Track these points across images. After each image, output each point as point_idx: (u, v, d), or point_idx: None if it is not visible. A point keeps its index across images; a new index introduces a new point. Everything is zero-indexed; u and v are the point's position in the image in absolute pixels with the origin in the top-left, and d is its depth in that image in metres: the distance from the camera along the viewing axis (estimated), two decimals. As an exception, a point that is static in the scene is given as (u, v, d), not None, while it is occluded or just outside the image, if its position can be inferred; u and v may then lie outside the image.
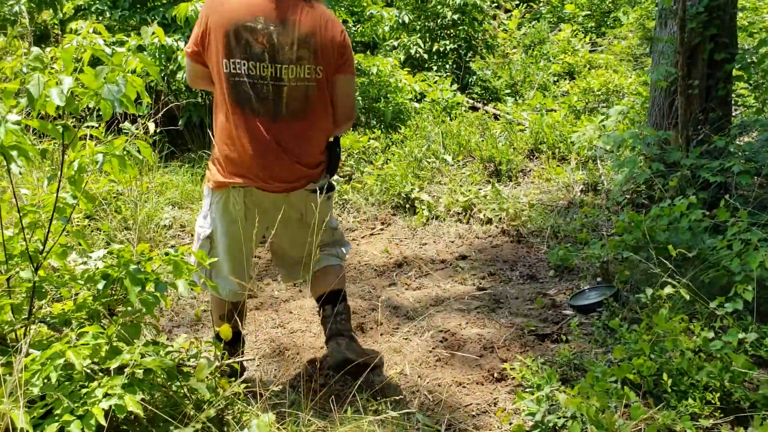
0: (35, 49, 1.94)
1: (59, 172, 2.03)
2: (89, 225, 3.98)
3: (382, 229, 4.85)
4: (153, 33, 2.20)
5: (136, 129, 4.44)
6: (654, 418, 2.31)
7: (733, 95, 5.33)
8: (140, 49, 5.57)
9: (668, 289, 2.88)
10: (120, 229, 4.10)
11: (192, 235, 4.38)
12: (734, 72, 4.58)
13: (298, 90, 2.51)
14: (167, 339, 2.65)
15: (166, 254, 2.25)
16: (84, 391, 1.79)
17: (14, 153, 1.77)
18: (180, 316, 3.49)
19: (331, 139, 2.70)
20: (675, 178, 3.90)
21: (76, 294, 2.34)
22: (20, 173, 2.54)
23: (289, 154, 2.55)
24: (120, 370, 1.87)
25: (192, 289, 2.28)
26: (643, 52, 9.03)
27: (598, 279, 3.77)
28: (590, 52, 10.10)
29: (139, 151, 2.24)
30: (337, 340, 2.70)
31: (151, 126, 2.49)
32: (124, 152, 2.16)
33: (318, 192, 2.57)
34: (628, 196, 4.78)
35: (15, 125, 1.80)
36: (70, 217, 2.14)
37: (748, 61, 4.48)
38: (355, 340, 2.77)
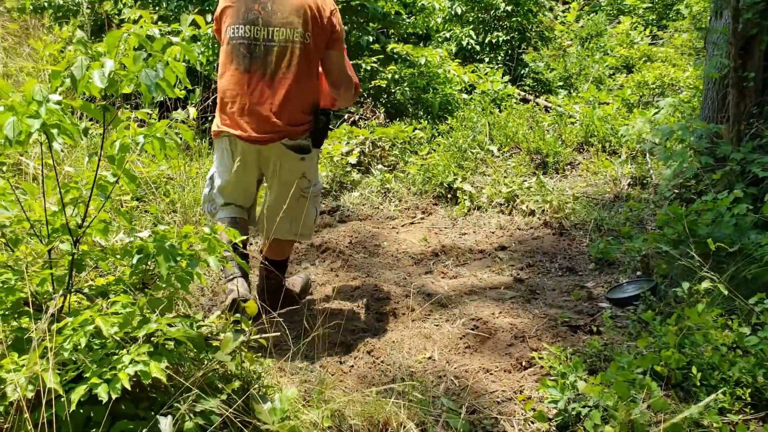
0: (80, 33, 2.05)
1: (99, 150, 2.14)
2: (138, 207, 4.14)
3: (422, 218, 4.88)
4: (193, 22, 2.29)
5: (186, 115, 4.59)
6: (676, 410, 2.28)
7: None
8: (194, 39, 5.75)
9: (706, 284, 2.83)
10: (168, 211, 4.25)
11: (237, 220, 4.51)
12: None
13: (286, 51, 2.93)
14: (204, 317, 2.76)
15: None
16: (114, 358, 1.89)
17: (55, 131, 1.87)
18: (219, 296, 3.60)
19: (324, 110, 3.11)
20: (720, 171, 3.80)
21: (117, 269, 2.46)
22: (62, 150, 2.68)
23: (270, 108, 2.94)
24: (150, 339, 1.97)
25: (224, 266, 2.37)
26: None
27: (638, 273, 3.71)
28: (650, 45, 9.86)
29: (180, 135, 2.34)
30: (262, 292, 3.34)
31: (192, 110, 2.58)
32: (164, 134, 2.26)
33: (296, 150, 3.02)
34: (676, 191, 4.67)
35: (56, 105, 1.90)
36: (109, 194, 2.24)
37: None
38: (276, 292, 3.26)
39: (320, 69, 3.13)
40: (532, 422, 2.48)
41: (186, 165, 4.75)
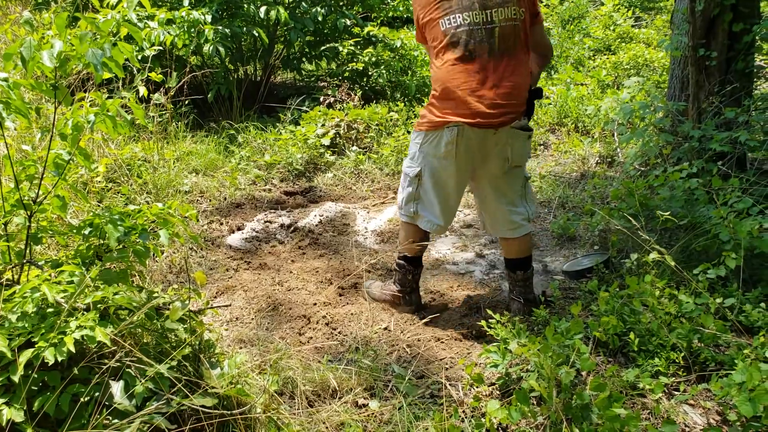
0: (26, 14, 2.12)
1: (51, 128, 2.22)
2: (111, 188, 4.22)
3: (393, 199, 4.96)
4: (139, 2, 2.36)
5: (162, 97, 4.67)
6: (615, 374, 2.39)
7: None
8: (169, 22, 5.80)
9: (654, 255, 2.93)
10: (141, 192, 4.33)
11: (210, 201, 4.60)
12: (764, 45, 4.51)
13: (508, 29, 2.84)
14: (163, 290, 2.85)
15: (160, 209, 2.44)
16: (63, 324, 1.98)
17: (0, 107, 1.96)
18: (182, 274, 3.69)
19: (533, 87, 3.01)
20: (669, 146, 3.90)
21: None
22: (15, 129, 2.77)
23: (501, 90, 2.83)
24: (98, 307, 2.06)
25: (176, 240, 2.46)
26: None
27: (596, 247, 3.82)
28: (632, 26, 9.92)
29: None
30: (520, 304, 3.15)
31: (142, 89, 2.65)
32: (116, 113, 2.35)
33: (524, 129, 2.95)
34: (642, 169, 4.77)
35: (3, 82, 1.99)
36: (64, 171, 2.33)
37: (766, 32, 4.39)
38: (535, 302, 3.16)
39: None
40: (477, 387, 2.59)
41: (160, 147, 4.83)
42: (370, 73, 6.87)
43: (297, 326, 3.10)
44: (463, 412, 2.38)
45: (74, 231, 2.34)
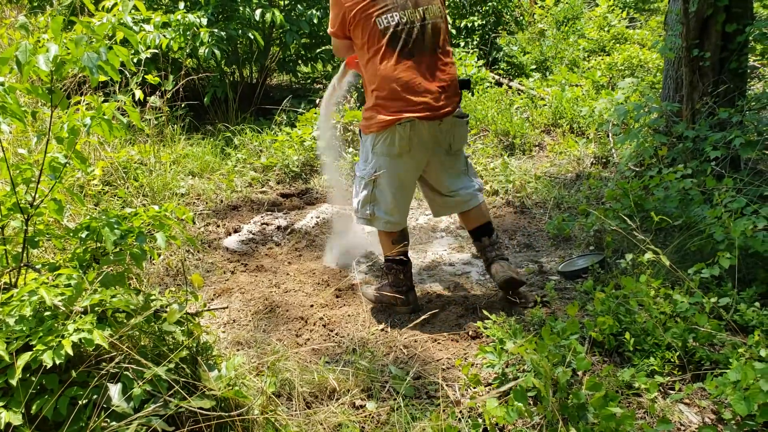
0: (21, 18, 2.13)
1: (48, 132, 2.23)
2: (107, 191, 4.23)
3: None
4: (134, 6, 2.37)
5: (158, 100, 4.67)
6: (610, 373, 2.41)
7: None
8: (165, 25, 5.81)
9: (648, 255, 2.94)
10: (137, 195, 4.34)
11: (206, 203, 4.61)
12: (757, 46, 4.53)
13: (437, 26, 3.03)
14: (160, 292, 2.85)
15: (157, 211, 2.45)
16: (60, 327, 1.99)
17: (-5, 111, 1.97)
18: (179, 276, 3.69)
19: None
20: (664, 148, 3.92)
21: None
22: (10, 132, 2.78)
23: (442, 83, 3.01)
24: (95, 310, 2.07)
25: (173, 243, 2.47)
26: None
27: (591, 248, 3.83)
28: (627, 27, 9.94)
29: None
30: (500, 263, 3.23)
31: (138, 92, 2.66)
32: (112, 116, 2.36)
33: (461, 116, 3.15)
34: (636, 169, 4.79)
35: (-1, 86, 1.99)
36: (60, 174, 2.34)
37: (763, 32, 4.41)
38: (508, 260, 3.30)
39: None
40: (474, 387, 2.60)
41: (156, 150, 4.84)
42: (365, 75, 6.87)
43: (294, 328, 3.11)
44: (460, 412, 2.39)
45: (71, 234, 2.35)
